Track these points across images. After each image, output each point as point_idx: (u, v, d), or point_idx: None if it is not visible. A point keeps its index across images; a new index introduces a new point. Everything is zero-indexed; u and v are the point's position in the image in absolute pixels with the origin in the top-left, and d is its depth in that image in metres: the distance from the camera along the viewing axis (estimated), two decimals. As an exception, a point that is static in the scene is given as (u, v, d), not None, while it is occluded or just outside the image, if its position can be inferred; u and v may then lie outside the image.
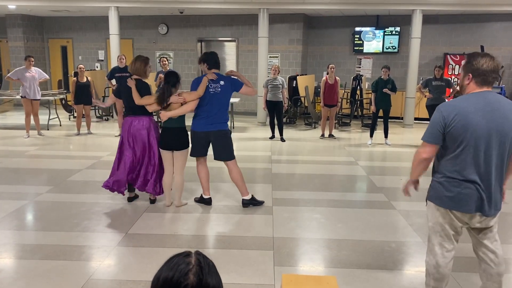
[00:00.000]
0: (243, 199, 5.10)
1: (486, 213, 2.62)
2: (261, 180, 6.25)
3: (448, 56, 12.02)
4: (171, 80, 4.77)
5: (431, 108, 8.82)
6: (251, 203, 5.10)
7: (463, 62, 2.73)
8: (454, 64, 11.97)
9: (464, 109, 2.53)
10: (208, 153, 5.05)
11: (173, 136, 4.81)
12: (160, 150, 4.91)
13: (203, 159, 5.07)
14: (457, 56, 11.95)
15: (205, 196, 5.16)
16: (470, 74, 2.61)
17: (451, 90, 9.07)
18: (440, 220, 2.72)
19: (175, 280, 1.16)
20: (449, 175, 2.64)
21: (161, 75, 7.25)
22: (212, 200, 5.18)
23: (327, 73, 9.22)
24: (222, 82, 4.83)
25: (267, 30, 11.09)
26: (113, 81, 9.39)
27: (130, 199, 5.21)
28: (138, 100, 4.81)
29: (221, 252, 3.93)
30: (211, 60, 4.87)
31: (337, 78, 9.25)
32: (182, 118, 4.87)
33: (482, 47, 11.03)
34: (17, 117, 11.71)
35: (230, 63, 13.32)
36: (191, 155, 4.99)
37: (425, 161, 2.71)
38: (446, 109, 2.58)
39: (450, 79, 9.80)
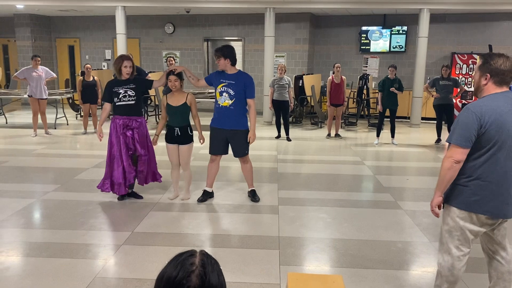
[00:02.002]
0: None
1: (510, 215, 2.58)
2: (267, 180, 6.25)
3: (456, 55, 11.93)
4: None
5: (438, 107, 8.77)
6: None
7: (478, 62, 2.65)
8: (461, 64, 11.88)
9: (498, 109, 2.46)
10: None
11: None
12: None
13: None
14: (465, 55, 11.86)
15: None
16: (488, 74, 2.53)
17: (459, 89, 9.01)
18: (460, 224, 2.62)
19: (178, 280, 1.16)
20: (477, 177, 2.54)
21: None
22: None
23: (333, 73, 9.20)
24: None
25: (274, 30, 11.08)
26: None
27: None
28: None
29: (226, 251, 3.93)
30: (235, 56, 4.89)
31: (343, 77, 9.23)
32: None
33: (490, 46, 10.93)
34: (25, 116, 11.79)
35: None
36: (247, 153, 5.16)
37: (457, 165, 2.52)
38: (479, 110, 2.47)
39: (457, 78, 9.74)
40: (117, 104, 4.96)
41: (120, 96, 4.93)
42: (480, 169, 2.53)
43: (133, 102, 4.97)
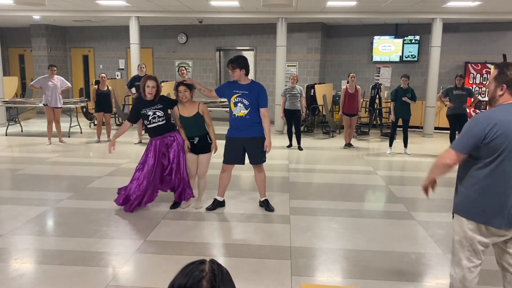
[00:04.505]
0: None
1: None
2: (278, 189, 6.23)
3: (469, 65, 11.84)
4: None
5: (451, 117, 8.68)
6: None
7: (493, 73, 2.62)
8: (475, 73, 11.78)
9: (505, 119, 2.44)
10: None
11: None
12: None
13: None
14: (478, 65, 11.76)
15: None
16: (505, 85, 2.51)
17: (472, 99, 8.92)
18: (469, 234, 2.60)
19: (188, 286, 1.16)
20: (484, 187, 2.51)
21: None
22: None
23: (347, 82, 9.17)
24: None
25: (285, 39, 11.13)
26: (133, 90, 9.53)
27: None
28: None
29: (238, 261, 3.92)
30: (248, 66, 4.93)
31: (358, 87, 9.20)
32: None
33: (504, 56, 10.83)
34: (40, 125, 11.96)
35: (248, 72, 13.37)
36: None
37: (448, 167, 2.60)
38: (486, 120, 2.46)
39: (471, 88, 9.66)
40: (148, 127, 5.01)
41: (150, 118, 4.97)
42: (487, 179, 2.51)
43: (163, 122, 5.01)
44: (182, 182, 5.14)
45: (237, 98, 4.86)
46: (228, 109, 5.00)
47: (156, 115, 4.97)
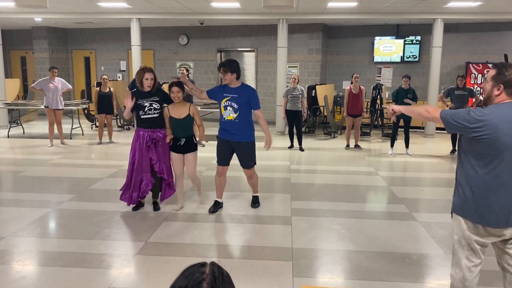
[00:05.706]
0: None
1: None
2: (279, 190, 6.24)
3: (470, 65, 11.83)
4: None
5: (453, 117, 8.67)
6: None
7: (491, 72, 2.62)
8: (476, 73, 11.77)
9: (500, 120, 2.43)
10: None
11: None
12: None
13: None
14: (480, 65, 11.75)
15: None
16: (502, 85, 2.50)
17: (474, 99, 8.92)
18: (466, 233, 2.60)
19: None
20: (480, 186, 2.51)
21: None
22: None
23: (351, 83, 9.17)
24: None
25: (286, 40, 11.13)
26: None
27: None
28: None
29: (239, 262, 3.93)
30: (240, 70, 4.92)
31: (362, 87, 9.19)
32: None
33: (505, 56, 10.79)
34: (41, 127, 11.99)
35: (249, 73, 13.40)
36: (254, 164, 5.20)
37: (421, 117, 2.82)
38: (478, 116, 2.45)
39: (473, 88, 9.65)
40: (142, 117, 5.00)
41: (146, 109, 4.97)
42: (483, 179, 2.51)
43: (157, 115, 5.01)
44: (164, 181, 5.16)
45: (227, 102, 4.86)
46: (219, 111, 5.00)
47: (152, 107, 4.98)
